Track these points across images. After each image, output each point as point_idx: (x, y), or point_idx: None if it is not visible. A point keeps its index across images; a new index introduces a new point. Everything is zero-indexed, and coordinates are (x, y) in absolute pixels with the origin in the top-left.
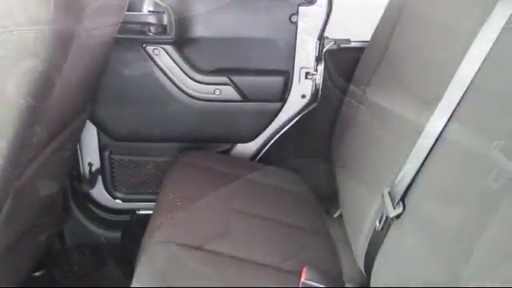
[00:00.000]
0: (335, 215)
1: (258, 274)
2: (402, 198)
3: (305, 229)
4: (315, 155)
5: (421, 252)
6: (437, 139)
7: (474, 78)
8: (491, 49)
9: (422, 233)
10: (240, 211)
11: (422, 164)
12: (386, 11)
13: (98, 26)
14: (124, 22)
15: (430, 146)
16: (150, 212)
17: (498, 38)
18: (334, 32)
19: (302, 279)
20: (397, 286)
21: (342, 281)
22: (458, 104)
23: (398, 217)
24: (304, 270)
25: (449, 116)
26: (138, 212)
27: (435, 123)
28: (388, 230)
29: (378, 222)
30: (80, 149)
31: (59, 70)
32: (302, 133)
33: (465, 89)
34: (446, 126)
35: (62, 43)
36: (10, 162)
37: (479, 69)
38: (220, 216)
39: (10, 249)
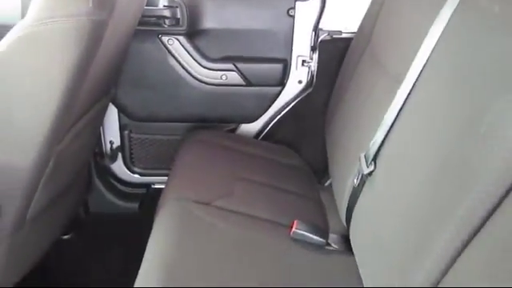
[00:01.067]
0: (326, 184)
1: (256, 225)
2: (374, 159)
3: (298, 193)
4: (310, 134)
5: (390, 204)
6: (400, 110)
7: (429, 56)
8: (443, 31)
9: (390, 188)
10: (242, 178)
11: (389, 131)
12: (371, 3)
13: (124, 17)
14: (143, 16)
15: (395, 116)
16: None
17: (448, 22)
18: (328, 24)
19: (293, 229)
20: (370, 234)
21: (327, 233)
22: (417, 79)
23: (370, 174)
24: (295, 222)
25: (409, 90)
26: (153, 186)
27: (400, 97)
28: (363, 186)
29: (355, 180)
30: (103, 128)
31: (93, 56)
32: (299, 114)
33: (422, 66)
34: (407, 98)
35: (97, 32)
36: (53, 130)
37: (433, 48)
38: (225, 181)
39: (46, 209)
